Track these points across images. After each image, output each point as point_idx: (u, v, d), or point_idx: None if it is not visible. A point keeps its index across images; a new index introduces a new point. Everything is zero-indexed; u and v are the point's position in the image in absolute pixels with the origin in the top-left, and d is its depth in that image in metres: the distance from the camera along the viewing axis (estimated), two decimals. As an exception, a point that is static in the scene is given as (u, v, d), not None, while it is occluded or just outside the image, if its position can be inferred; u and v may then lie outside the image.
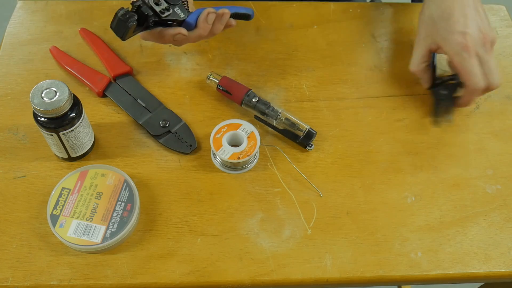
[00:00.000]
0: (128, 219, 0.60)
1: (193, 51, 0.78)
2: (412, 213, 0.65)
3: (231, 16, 0.67)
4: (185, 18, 0.63)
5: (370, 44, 0.81)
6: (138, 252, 0.60)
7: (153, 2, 0.61)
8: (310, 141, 0.69)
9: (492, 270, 0.61)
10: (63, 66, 0.75)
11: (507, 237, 0.63)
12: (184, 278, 0.59)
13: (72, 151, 0.65)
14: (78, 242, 0.59)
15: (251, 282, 0.59)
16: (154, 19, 0.61)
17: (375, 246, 0.62)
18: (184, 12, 0.63)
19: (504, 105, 0.75)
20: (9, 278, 0.58)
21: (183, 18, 0.63)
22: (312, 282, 0.60)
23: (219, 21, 0.65)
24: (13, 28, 0.79)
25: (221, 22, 0.66)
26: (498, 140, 0.72)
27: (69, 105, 0.60)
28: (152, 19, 0.61)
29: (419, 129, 0.72)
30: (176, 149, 0.68)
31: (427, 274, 0.60)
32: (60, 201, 0.61)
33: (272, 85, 0.75)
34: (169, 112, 0.71)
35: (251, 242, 0.61)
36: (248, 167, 0.67)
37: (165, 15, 0.61)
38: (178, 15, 0.62)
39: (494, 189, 0.67)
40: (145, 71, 0.76)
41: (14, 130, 0.69)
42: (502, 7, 0.87)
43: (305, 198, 0.65)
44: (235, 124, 0.68)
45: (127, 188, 0.63)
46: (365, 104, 0.74)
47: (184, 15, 0.63)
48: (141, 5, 0.60)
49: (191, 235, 0.62)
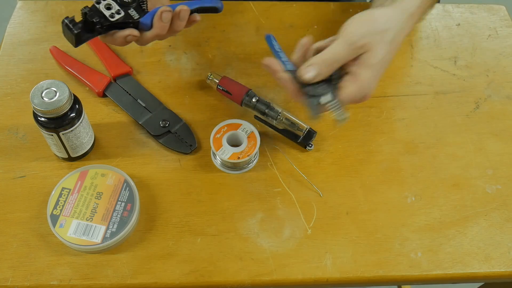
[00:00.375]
0: (128, 219, 0.60)
1: (193, 51, 0.78)
2: (412, 213, 0.65)
3: (196, 10, 0.66)
4: (139, 19, 0.63)
5: (370, 44, 0.81)
6: (138, 252, 0.60)
7: (103, 7, 0.61)
8: (310, 141, 0.69)
9: (492, 270, 0.61)
10: (63, 66, 0.75)
11: (507, 237, 0.63)
12: (184, 278, 0.59)
13: (72, 151, 0.65)
14: (78, 242, 0.59)
15: (251, 282, 0.59)
16: (105, 23, 0.61)
17: (375, 246, 0.62)
18: (140, 13, 0.63)
19: (504, 105, 0.75)
20: (9, 278, 0.58)
21: (137, 20, 0.63)
22: (312, 282, 0.60)
23: (178, 18, 0.64)
24: (13, 28, 0.79)
25: (180, 19, 0.64)
26: (498, 140, 0.72)
27: (69, 105, 0.60)
28: (102, 24, 0.61)
29: (419, 129, 0.72)
30: (176, 149, 0.68)
31: (427, 274, 0.60)
32: (60, 201, 0.61)
33: (272, 85, 0.75)
34: (169, 112, 0.71)
35: (251, 242, 0.61)
36: (248, 167, 0.67)
37: (115, 18, 0.61)
38: (132, 17, 0.62)
39: (494, 189, 0.67)
40: (145, 71, 0.76)
41: (14, 130, 0.69)
42: (502, 7, 0.87)
43: (305, 198, 0.65)
44: (235, 124, 0.68)
45: (127, 188, 0.63)
46: (365, 104, 0.74)
47: (138, 16, 0.63)
48: (87, 12, 0.60)
49: (191, 235, 0.62)
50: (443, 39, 0.83)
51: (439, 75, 0.78)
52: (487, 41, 0.83)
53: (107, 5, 0.61)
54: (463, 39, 0.83)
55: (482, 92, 0.76)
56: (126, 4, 0.62)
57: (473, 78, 0.78)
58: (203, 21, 0.81)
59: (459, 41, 0.82)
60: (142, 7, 0.64)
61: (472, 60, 0.80)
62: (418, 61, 0.80)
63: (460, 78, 0.77)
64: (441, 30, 0.84)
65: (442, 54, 0.81)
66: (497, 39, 0.83)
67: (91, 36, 0.61)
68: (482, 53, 0.81)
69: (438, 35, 0.83)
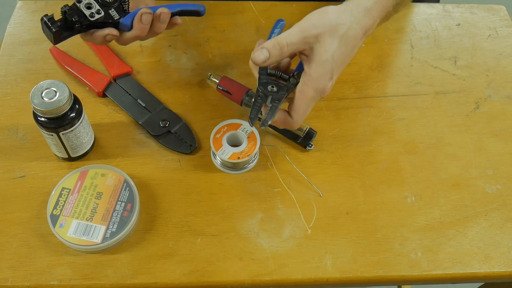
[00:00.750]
0: (128, 219, 0.60)
1: (193, 51, 0.78)
2: (412, 213, 0.65)
3: (178, 13, 0.66)
4: (119, 20, 0.63)
5: (370, 44, 0.81)
6: (138, 252, 0.60)
7: (84, 6, 0.61)
8: (310, 141, 0.69)
9: (492, 270, 0.61)
10: (63, 66, 0.75)
11: (507, 237, 0.63)
12: (184, 278, 0.59)
13: (72, 151, 0.65)
14: (78, 242, 0.59)
15: (251, 282, 0.59)
16: (84, 22, 0.61)
17: (375, 246, 0.62)
18: (120, 14, 0.63)
19: (504, 105, 0.75)
20: (9, 278, 0.58)
21: (117, 20, 0.63)
22: (312, 282, 0.60)
23: (158, 21, 0.64)
24: (13, 28, 0.79)
25: (160, 22, 0.64)
26: (498, 140, 0.72)
27: (69, 105, 0.60)
28: (81, 23, 0.61)
29: (419, 129, 0.72)
30: (176, 149, 0.68)
31: (427, 274, 0.60)
32: (60, 201, 0.61)
33: (272, 85, 0.75)
34: (169, 112, 0.71)
35: (251, 242, 0.61)
36: (248, 167, 0.67)
37: (95, 18, 0.61)
38: (112, 17, 0.62)
39: (494, 189, 0.67)
40: (145, 71, 0.76)
41: (14, 130, 0.69)
42: (502, 7, 0.87)
43: (305, 198, 0.65)
44: (235, 124, 0.68)
45: (127, 188, 0.63)
46: (365, 104, 0.74)
47: (118, 17, 0.63)
48: (67, 10, 0.60)
49: (191, 235, 0.62)
50: (443, 39, 0.83)
51: (439, 75, 0.78)
52: (487, 41, 0.83)
53: (88, 4, 0.61)
54: (463, 39, 0.83)
55: (482, 92, 0.76)
56: (107, 4, 0.62)
57: (473, 78, 0.78)
58: (203, 21, 0.82)
59: (459, 41, 0.82)
60: (124, 7, 0.64)
61: (472, 60, 0.80)
62: (418, 61, 0.80)
63: (460, 78, 0.77)
64: (441, 30, 0.84)
65: (442, 54, 0.81)
66: (497, 39, 0.83)
67: (70, 35, 0.61)
68: (482, 53, 0.81)
69: (438, 35, 0.83)
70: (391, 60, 0.79)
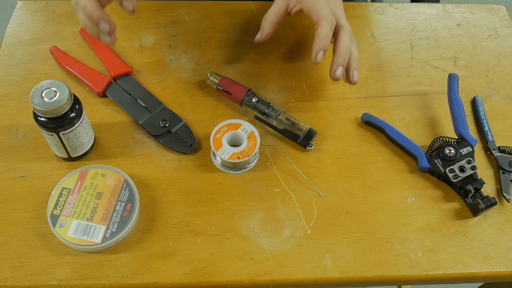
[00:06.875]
0: (128, 219, 0.60)
1: (193, 51, 0.78)
2: (412, 213, 0.65)
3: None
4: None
5: (370, 44, 0.81)
6: (138, 252, 0.60)
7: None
8: (310, 141, 0.69)
9: (492, 270, 0.61)
10: (63, 66, 0.75)
11: (507, 237, 0.63)
12: (184, 278, 0.59)
13: (72, 151, 0.65)
14: (78, 242, 0.59)
15: (251, 282, 0.59)
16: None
17: (375, 246, 0.62)
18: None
19: (504, 105, 0.75)
20: (9, 278, 0.58)
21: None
22: (312, 282, 0.60)
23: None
24: (13, 28, 0.79)
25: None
26: (498, 140, 0.72)
27: (69, 105, 0.60)
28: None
29: (419, 129, 0.72)
30: (176, 149, 0.68)
31: (427, 274, 0.61)
32: (60, 201, 0.61)
33: (272, 85, 0.75)
34: (169, 112, 0.71)
35: (251, 242, 0.61)
36: (248, 167, 0.67)
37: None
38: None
39: (494, 189, 0.67)
40: (145, 71, 0.76)
41: (14, 130, 0.69)
42: (502, 7, 0.87)
43: (305, 198, 0.65)
44: (235, 124, 0.68)
45: (127, 188, 0.63)
46: (365, 104, 0.74)
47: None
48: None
49: (191, 235, 0.62)
50: (443, 39, 0.83)
51: (439, 75, 0.78)
52: (487, 41, 0.83)
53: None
54: (463, 39, 0.83)
55: (482, 92, 0.76)
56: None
57: (473, 78, 0.78)
58: (203, 21, 0.82)
59: (459, 41, 0.82)
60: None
61: (472, 60, 0.80)
62: (418, 61, 0.80)
63: (460, 78, 0.77)
64: (441, 30, 0.84)
65: (442, 54, 0.81)
66: (497, 39, 0.83)
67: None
68: (482, 53, 0.81)
69: (438, 35, 0.83)
70: (391, 60, 0.79)
